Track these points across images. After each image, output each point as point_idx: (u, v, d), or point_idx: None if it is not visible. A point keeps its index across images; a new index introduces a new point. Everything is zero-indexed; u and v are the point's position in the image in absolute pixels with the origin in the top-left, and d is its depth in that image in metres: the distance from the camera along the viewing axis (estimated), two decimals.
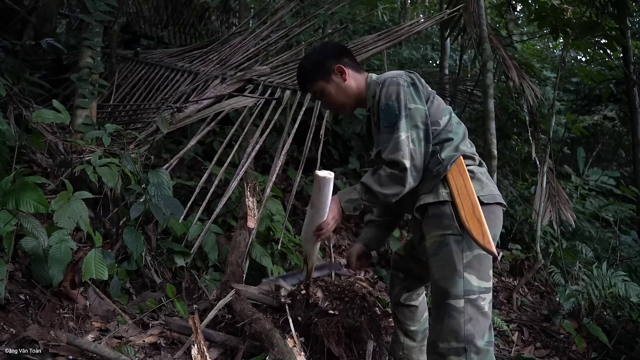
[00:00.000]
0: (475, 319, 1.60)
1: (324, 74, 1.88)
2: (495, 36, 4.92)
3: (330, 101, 1.92)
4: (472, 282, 1.60)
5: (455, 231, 1.62)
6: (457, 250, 1.62)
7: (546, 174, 4.48)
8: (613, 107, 7.77)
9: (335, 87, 1.88)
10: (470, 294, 1.60)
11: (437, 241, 1.68)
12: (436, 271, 1.69)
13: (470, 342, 1.57)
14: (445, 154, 1.71)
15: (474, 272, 1.61)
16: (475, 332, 1.59)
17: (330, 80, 1.88)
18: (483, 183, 1.71)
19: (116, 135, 2.94)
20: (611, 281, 3.35)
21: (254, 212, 2.98)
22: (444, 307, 1.64)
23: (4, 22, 4.16)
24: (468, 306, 1.59)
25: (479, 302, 1.61)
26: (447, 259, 1.64)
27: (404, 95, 1.68)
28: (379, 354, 2.37)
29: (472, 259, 1.61)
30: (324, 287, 2.41)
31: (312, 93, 1.97)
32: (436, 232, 1.69)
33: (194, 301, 2.71)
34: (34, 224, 1.92)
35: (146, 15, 6.01)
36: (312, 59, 1.93)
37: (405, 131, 1.63)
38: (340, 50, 1.96)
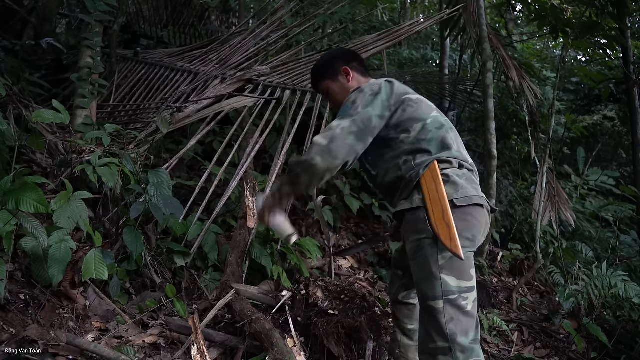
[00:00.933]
0: (457, 318, 1.62)
1: (332, 74, 2.04)
2: (495, 36, 4.92)
3: (334, 100, 2.05)
4: (450, 282, 1.63)
5: (429, 235, 1.65)
6: (431, 253, 1.65)
7: (546, 174, 4.48)
8: (613, 107, 7.78)
9: (339, 87, 2.03)
10: (449, 295, 1.62)
11: (414, 246, 1.72)
12: (415, 275, 1.74)
13: (454, 341, 1.60)
14: (418, 161, 1.75)
15: (451, 273, 1.64)
16: (457, 331, 1.61)
17: (336, 80, 2.04)
18: (458, 186, 1.71)
19: (116, 135, 2.94)
20: (611, 281, 3.35)
21: (254, 212, 2.98)
22: (426, 309, 1.68)
23: (4, 22, 4.16)
24: (448, 306, 1.62)
25: (459, 302, 1.63)
26: (423, 263, 1.68)
27: (360, 100, 1.78)
28: (379, 354, 2.37)
29: (448, 261, 1.64)
30: (324, 287, 2.41)
31: (320, 92, 2.12)
32: (413, 236, 1.73)
33: (194, 301, 2.71)
34: (34, 224, 1.92)
35: (146, 15, 6.01)
36: (324, 60, 2.10)
37: (340, 121, 1.72)
38: (351, 55, 2.12)
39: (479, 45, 4.68)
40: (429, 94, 7.08)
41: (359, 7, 7.62)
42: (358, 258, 4.02)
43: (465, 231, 1.65)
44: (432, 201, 1.66)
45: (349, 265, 3.88)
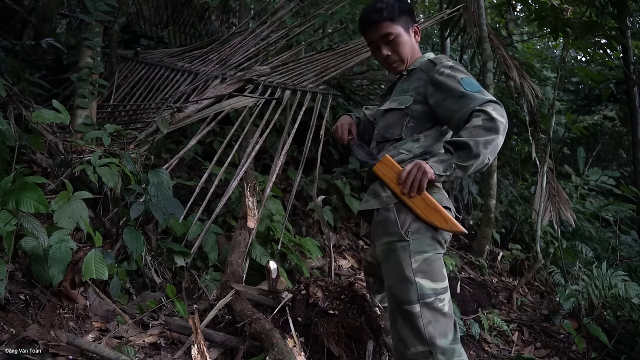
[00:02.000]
0: (435, 320, 1.58)
1: (407, 23, 1.87)
2: (496, 36, 4.92)
3: (399, 50, 1.85)
4: (425, 285, 1.59)
5: (401, 237, 1.61)
6: (404, 256, 1.60)
7: (546, 174, 4.48)
8: (613, 107, 7.78)
9: (409, 41, 1.87)
10: (426, 298, 1.58)
11: (385, 249, 1.67)
12: (387, 279, 1.68)
13: (434, 344, 1.55)
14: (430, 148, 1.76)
15: (426, 275, 1.59)
16: (436, 334, 1.57)
17: (408, 32, 1.88)
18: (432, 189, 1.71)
19: (116, 135, 2.94)
20: (611, 281, 3.35)
21: (254, 212, 2.98)
22: (402, 314, 1.62)
23: (4, 22, 4.16)
24: (425, 310, 1.57)
25: (436, 304, 1.59)
26: (396, 267, 1.62)
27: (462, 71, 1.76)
28: (379, 354, 2.37)
29: (421, 264, 1.60)
30: (324, 287, 2.41)
31: (382, 34, 1.83)
32: (383, 239, 1.68)
33: (194, 301, 2.71)
34: (34, 224, 1.92)
35: (146, 15, 6.00)
36: (402, 3, 1.87)
37: (488, 95, 1.64)
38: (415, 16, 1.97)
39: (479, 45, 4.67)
40: None
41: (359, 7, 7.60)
42: (358, 258, 4.02)
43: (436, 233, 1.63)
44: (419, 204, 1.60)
45: (349, 265, 3.88)
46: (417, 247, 1.60)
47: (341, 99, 5.43)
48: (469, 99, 1.61)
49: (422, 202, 1.58)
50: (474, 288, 3.81)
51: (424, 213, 1.58)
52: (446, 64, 1.76)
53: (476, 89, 1.65)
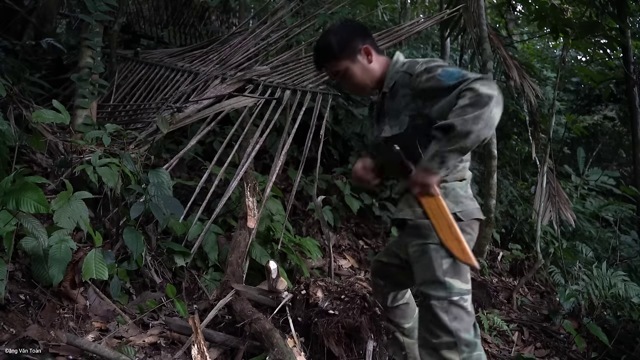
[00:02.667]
0: (460, 317, 1.69)
1: (351, 54, 1.81)
2: (496, 36, 4.92)
3: (353, 82, 1.85)
4: (454, 285, 1.70)
5: (434, 240, 1.68)
6: (436, 257, 1.70)
7: (546, 174, 4.48)
8: (613, 107, 7.77)
9: (360, 68, 1.83)
10: (453, 296, 1.69)
11: (418, 250, 1.76)
12: (419, 277, 1.78)
13: (459, 337, 1.67)
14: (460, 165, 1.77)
15: (454, 276, 1.70)
16: (462, 328, 1.69)
17: (356, 61, 1.82)
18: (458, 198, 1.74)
19: (116, 135, 2.94)
20: (611, 281, 3.35)
21: (254, 212, 2.98)
22: (431, 309, 1.72)
23: (4, 22, 4.16)
24: (452, 307, 1.69)
25: (461, 303, 1.71)
26: (428, 266, 1.72)
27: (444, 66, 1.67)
28: (379, 354, 2.37)
29: (450, 265, 1.70)
30: (324, 287, 2.41)
31: (332, 72, 1.87)
32: (416, 241, 1.77)
33: (194, 301, 2.71)
34: (34, 224, 1.92)
35: (146, 15, 6.00)
36: (339, 36, 1.82)
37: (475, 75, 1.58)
38: (366, 31, 1.90)
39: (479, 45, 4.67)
40: None
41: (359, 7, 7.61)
42: (358, 258, 4.02)
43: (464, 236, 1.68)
44: (436, 218, 1.64)
45: (349, 265, 3.88)
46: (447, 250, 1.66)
47: (341, 99, 5.43)
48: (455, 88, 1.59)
49: (447, 229, 1.63)
50: (474, 288, 3.78)
51: (446, 239, 1.63)
52: (420, 69, 1.70)
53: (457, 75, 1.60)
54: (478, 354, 1.70)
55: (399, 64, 1.82)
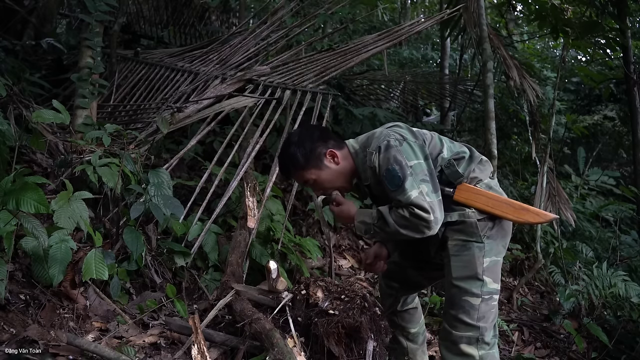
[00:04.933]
0: (487, 316, 1.76)
1: (317, 161, 1.83)
2: (496, 36, 4.92)
3: (324, 187, 1.88)
4: (489, 284, 1.77)
5: (479, 239, 1.77)
6: (478, 255, 1.76)
7: (546, 174, 4.47)
8: (613, 107, 7.77)
9: (329, 173, 1.85)
10: (486, 294, 1.76)
11: (460, 244, 1.80)
12: (456, 271, 1.80)
13: (482, 334, 1.74)
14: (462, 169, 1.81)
15: (491, 275, 1.78)
16: (486, 326, 1.76)
17: (323, 167, 1.84)
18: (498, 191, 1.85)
19: (116, 135, 2.94)
20: (611, 281, 3.35)
21: (254, 212, 2.98)
22: (461, 303, 1.77)
23: (4, 22, 4.16)
24: (482, 304, 1.76)
25: (490, 302, 1.78)
26: (469, 262, 1.78)
27: (400, 155, 1.69)
28: (379, 354, 2.37)
29: (490, 264, 1.77)
30: (324, 287, 2.41)
31: (301, 182, 1.91)
32: (459, 236, 1.81)
33: (194, 301, 2.71)
34: (34, 224, 1.92)
35: (146, 15, 6.00)
36: (301, 147, 1.84)
37: (416, 188, 1.65)
38: (323, 133, 1.92)
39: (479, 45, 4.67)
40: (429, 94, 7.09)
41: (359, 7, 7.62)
42: (358, 258, 4.02)
43: (502, 240, 1.82)
44: (494, 207, 1.75)
45: (349, 265, 3.88)
46: (490, 250, 1.78)
47: (341, 99, 5.43)
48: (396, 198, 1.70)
49: (510, 208, 1.74)
50: None
51: (517, 216, 1.75)
52: (374, 160, 1.75)
53: (397, 182, 1.67)
54: (494, 353, 1.77)
55: (359, 155, 1.85)
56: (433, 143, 1.83)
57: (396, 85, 6.85)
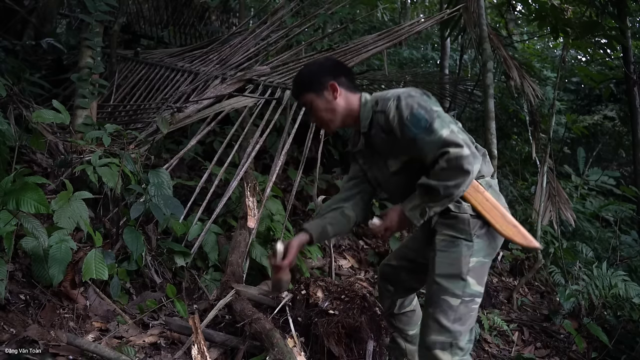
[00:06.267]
0: (464, 319, 1.70)
1: (316, 88, 1.85)
2: (496, 36, 4.92)
3: (316, 116, 1.89)
4: (472, 285, 1.70)
5: (468, 237, 1.71)
6: (466, 254, 1.71)
7: (546, 174, 4.47)
8: (613, 106, 7.77)
9: (324, 103, 1.85)
10: (467, 296, 1.70)
11: (448, 240, 1.74)
12: (440, 267, 1.74)
13: (456, 339, 1.68)
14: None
15: (475, 276, 1.71)
16: (461, 330, 1.69)
17: (321, 95, 1.85)
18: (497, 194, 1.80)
19: (116, 135, 2.94)
20: (611, 281, 3.35)
21: (254, 212, 2.98)
22: (439, 302, 1.71)
23: (4, 22, 4.16)
24: (462, 306, 1.69)
25: (471, 305, 1.71)
26: (455, 260, 1.72)
27: (424, 102, 1.67)
28: (379, 354, 2.37)
29: (476, 264, 1.71)
30: (324, 287, 2.41)
31: (302, 104, 1.94)
32: (448, 232, 1.75)
33: (194, 301, 2.71)
34: (34, 224, 1.92)
35: (146, 15, 6.00)
36: (309, 70, 1.91)
37: (446, 127, 1.60)
38: (339, 68, 1.92)
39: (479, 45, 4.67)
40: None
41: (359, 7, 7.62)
42: (358, 258, 4.02)
43: (493, 241, 1.75)
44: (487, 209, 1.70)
45: (349, 265, 3.88)
46: (479, 250, 1.72)
47: None
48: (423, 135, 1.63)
49: (501, 219, 1.69)
50: None
51: (503, 228, 1.69)
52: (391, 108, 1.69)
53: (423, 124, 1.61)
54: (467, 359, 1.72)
55: (369, 104, 1.82)
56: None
57: (396, 85, 6.83)
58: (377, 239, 4.33)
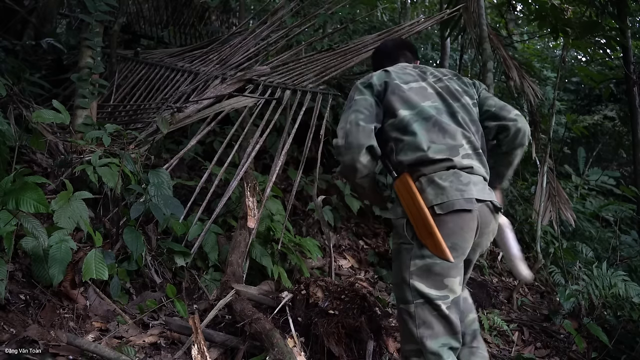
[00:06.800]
0: (429, 323, 1.61)
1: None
2: (496, 36, 4.92)
3: None
4: (422, 289, 1.62)
5: (406, 240, 1.68)
6: (406, 258, 1.67)
7: (546, 174, 4.48)
8: (613, 106, 7.77)
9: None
10: (418, 299, 1.62)
11: (395, 249, 1.76)
12: (393, 277, 1.77)
13: (424, 344, 1.60)
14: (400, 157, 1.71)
15: (422, 279, 1.63)
16: (427, 335, 1.61)
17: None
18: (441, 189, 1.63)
19: (116, 135, 2.94)
20: (611, 281, 3.35)
21: (254, 212, 2.98)
22: (400, 312, 1.70)
23: (4, 22, 4.16)
24: (418, 310, 1.62)
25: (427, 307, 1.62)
26: (399, 266, 1.70)
27: (354, 92, 1.82)
28: (379, 354, 2.37)
29: (420, 267, 1.63)
30: (324, 287, 2.41)
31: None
32: (395, 239, 1.77)
33: (194, 301, 2.71)
34: (34, 224, 1.92)
35: (146, 15, 6.00)
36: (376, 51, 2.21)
37: (345, 119, 1.74)
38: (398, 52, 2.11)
39: (479, 45, 4.67)
40: None
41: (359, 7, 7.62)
42: (358, 258, 4.02)
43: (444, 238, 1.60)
44: (412, 214, 1.64)
45: (349, 265, 3.88)
46: (418, 251, 1.64)
47: (341, 99, 5.42)
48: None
49: (421, 224, 1.62)
50: (474, 288, 3.81)
51: (422, 235, 1.63)
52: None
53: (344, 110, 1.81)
54: None
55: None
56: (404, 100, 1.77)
57: None
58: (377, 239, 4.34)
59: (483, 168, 1.75)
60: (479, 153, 1.75)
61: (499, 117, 1.81)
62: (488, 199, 1.71)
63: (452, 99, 1.80)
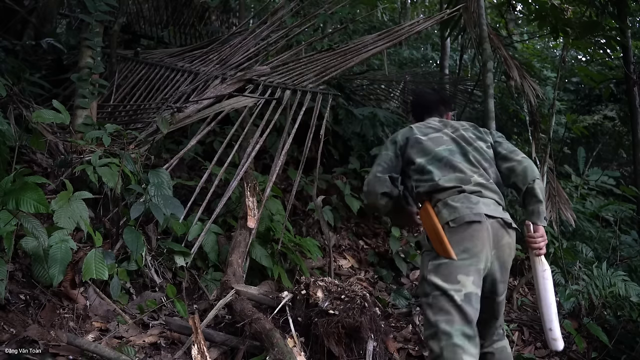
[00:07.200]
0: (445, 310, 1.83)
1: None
2: (496, 36, 4.92)
3: None
4: (437, 282, 1.87)
5: (428, 248, 2.00)
6: (425, 261, 1.99)
7: (546, 174, 4.47)
8: (613, 106, 7.77)
9: None
10: (435, 291, 1.87)
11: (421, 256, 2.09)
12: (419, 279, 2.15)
13: (438, 327, 1.81)
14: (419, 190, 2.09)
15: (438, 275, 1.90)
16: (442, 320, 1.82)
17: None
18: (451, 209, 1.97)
19: (116, 135, 2.94)
20: (611, 281, 3.35)
21: (254, 212, 2.98)
22: (422, 305, 2.01)
23: (4, 22, 4.16)
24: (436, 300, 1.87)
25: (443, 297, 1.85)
26: (421, 268, 2.03)
27: (385, 145, 2.26)
28: (379, 354, 2.37)
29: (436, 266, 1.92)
30: (324, 287, 2.41)
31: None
32: (421, 250, 2.17)
33: (194, 301, 2.71)
34: (34, 224, 1.92)
35: (146, 15, 6.00)
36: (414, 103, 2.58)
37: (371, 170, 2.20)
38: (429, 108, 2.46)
39: (479, 45, 4.67)
40: None
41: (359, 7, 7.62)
42: (358, 258, 4.02)
43: (457, 244, 1.90)
44: (429, 230, 2.00)
45: (349, 265, 3.88)
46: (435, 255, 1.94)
47: (341, 99, 5.43)
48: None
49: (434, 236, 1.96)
50: None
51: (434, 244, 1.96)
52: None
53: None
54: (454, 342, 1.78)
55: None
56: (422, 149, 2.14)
57: (396, 85, 6.84)
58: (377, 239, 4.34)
59: (494, 194, 2.04)
60: (490, 183, 2.06)
61: (508, 158, 2.16)
62: (499, 216, 1.98)
63: (465, 143, 2.15)
